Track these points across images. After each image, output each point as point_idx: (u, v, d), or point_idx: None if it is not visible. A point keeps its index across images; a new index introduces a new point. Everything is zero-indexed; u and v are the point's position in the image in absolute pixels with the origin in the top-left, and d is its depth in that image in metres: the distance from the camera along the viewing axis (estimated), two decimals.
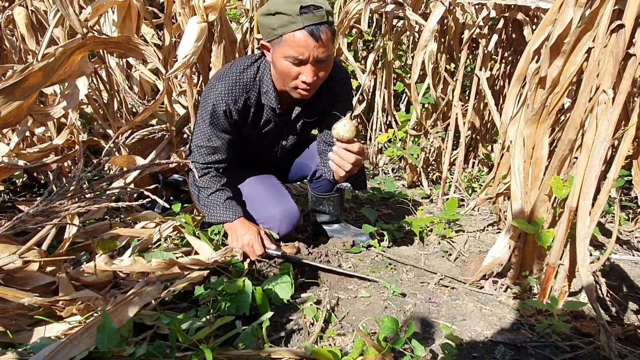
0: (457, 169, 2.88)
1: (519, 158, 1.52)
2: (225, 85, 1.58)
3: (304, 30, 1.40)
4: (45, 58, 1.41)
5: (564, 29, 1.36)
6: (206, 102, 1.62)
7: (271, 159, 1.93)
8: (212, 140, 1.67)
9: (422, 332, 1.35)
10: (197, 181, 1.73)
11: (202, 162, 1.71)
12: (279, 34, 1.43)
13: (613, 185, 1.22)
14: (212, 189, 1.71)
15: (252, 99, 1.64)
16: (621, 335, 1.36)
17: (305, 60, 1.45)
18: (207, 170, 1.72)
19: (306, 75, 1.47)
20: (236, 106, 1.62)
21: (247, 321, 1.30)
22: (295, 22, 1.39)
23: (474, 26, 2.53)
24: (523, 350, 1.26)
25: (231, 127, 1.67)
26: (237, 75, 1.60)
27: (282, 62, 1.48)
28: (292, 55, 1.44)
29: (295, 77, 1.49)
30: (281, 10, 1.40)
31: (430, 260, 1.93)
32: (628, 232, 2.37)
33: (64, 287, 1.28)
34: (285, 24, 1.41)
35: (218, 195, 1.71)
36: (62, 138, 1.89)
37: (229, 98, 1.59)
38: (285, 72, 1.50)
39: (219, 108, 1.60)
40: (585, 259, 1.21)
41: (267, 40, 1.50)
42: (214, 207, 1.71)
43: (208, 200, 1.71)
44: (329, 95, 1.70)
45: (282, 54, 1.46)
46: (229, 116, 1.63)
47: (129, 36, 1.58)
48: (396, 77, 3.49)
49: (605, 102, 1.17)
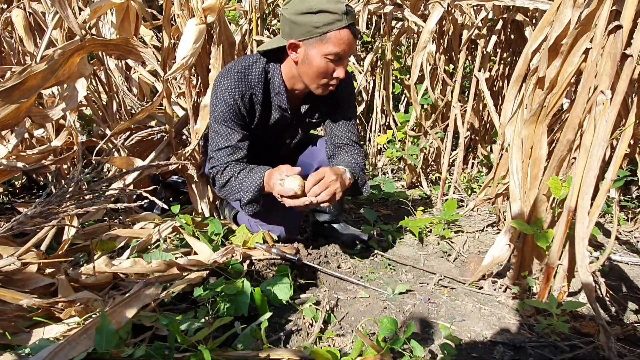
0: (456, 170, 2.88)
1: (517, 158, 1.52)
2: (230, 81, 1.59)
3: (348, 29, 1.48)
4: (44, 60, 1.41)
5: (562, 30, 1.37)
6: (215, 101, 1.63)
7: (274, 158, 1.93)
8: (231, 138, 1.64)
9: (421, 333, 1.35)
10: (221, 178, 1.66)
11: (222, 163, 1.66)
12: (323, 31, 1.46)
13: (611, 185, 1.22)
14: (236, 170, 1.63)
15: (257, 96, 1.65)
16: (620, 335, 1.36)
17: (343, 57, 1.52)
18: (226, 165, 1.66)
19: (341, 71, 1.54)
20: (243, 101, 1.62)
21: (246, 322, 1.30)
22: (341, 20, 1.45)
23: (473, 27, 2.53)
24: (522, 351, 1.26)
25: (243, 122, 1.66)
26: (241, 71, 1.60)
27: (321, 60, 1.51)
28: (334, 52, 1.49)
29: (330, 74, 1.54)
30: (325, 8, 1.44)
31: (429, 261, 1.93)
32: (627, 232, 2.37)
33: (63, 288, 1.28)
34: (331, 21, 1.45)
35: (242, 173, 1.62)
36: (61, 140, 1.89)
37: (235, 93, 1.59)
38: (322, 70, 1.53)
39: (228, 103, 1.60)
40: (584, 259, 1.21)
41: (303, 38, 1.50)
42: (246, 184, 1.60)
43: (238, 182, 1.62)
44: (332, 96, 1.72)
45: (322, 51, 1.49)
46: (239, 110, 1.62)
47: (127, 38, 1.58)
48: (395, 79, 3.49)
49: (603, 103, 1.17)
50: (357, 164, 1.73)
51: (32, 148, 2.06)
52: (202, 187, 2.04)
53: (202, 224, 1.95)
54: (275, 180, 1.49)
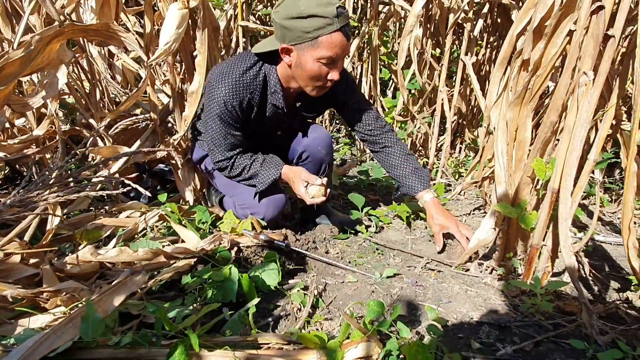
0: (444, 155, 2.89)
1: (502, 141, 1.53)
2: (228, 87, 1.60)
3: (340, 32, 1.46)
4: (21, 46, 1.38)
5: (546, 12, 1.36)
6: (212, 104, 1.64)
7: (268, 147, 1.93)
8: (228, 138, 1.71)
9: (408, 315, 1.37)
10: (232, 172, 1.79)
11: (226, 159, 1.76)
12: (314, 36, 1.45)
13: (594, 166, 1.24)
14: (247, 162, 1.76)
15: (255, 99, 1.67)
16: (603, 312, 1.39)
17: (337, 60, 1.52)
18: (232, 159, 1.77)
19: (335, 74, 1.55)
20: (241, 106, 1.64)
21: (235, 308, 1.30)
22: (332, 24, 1.44)
23: (459, 11, 2.52)
24: (507, 330, 1.29)
25: (239, 123, 1.70)
26: (239, 76, 1.61)
27: (314, 65, 1.51)
28: (327, 56, 1.48)
29: (324, 77, 1.55)
30: (315, 12, 1.42)
31: (417, 245, 1.94)
32: (611, 213, 2.41)
33: (48, 278, 1.27)
34: (322, 26, 1.43)
35: (254, 165, 1.77)
36: (43, 129, 1.86)
37: (234, 100, 1.61)
38: (316, 74, 1.54)
39: (227, 108, 1.62)
40: (567, 240, 1.23)
41: (293, 43, 1.50)
42: (260, 177, 1.77)
43: (253, 173, 1.77)
44: (329, 92, 1.72)
45: (314, 56, 1.49)
46: (236, 114, 1.65)
47: (107, 23, 1.54)
48: (383, 64, 3.48)
49: (585, 84, 1.18)
50: (417, 169, 1.93)
51: (14, 138, 2.02)
52: (187, 174, 2.03)
53: (189, 212, 1.94)
54: (301, 187, 1.69)
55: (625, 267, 1.76)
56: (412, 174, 1.91)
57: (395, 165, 1.94)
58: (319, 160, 1.90)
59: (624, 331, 1.26)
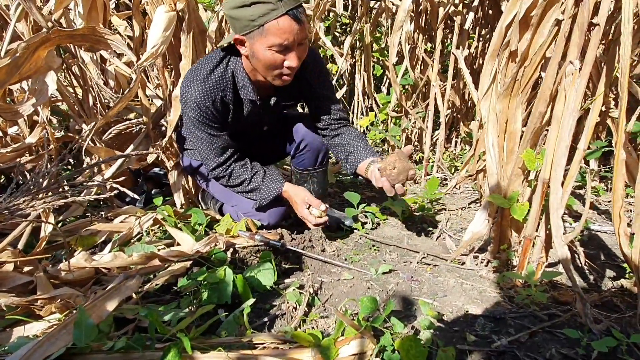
0: (439, 149, 2.89)
1: (493, 133, 1.53)
2: (197, 90, 1.56)
3: (287, 16, 1.38)
4: (8, 54, 1.38)
5: (532, 2, 1.36)
6: (187, 110, 1.62)
7: (254, 143, 1.93)
8: (214, 141, 1.68)
9: (404, 310, 1.37)
10: (230, 182, 1.77)
11: (220, 165, 1.73)
12: (260, 23, 1.39)
13: (583, 155, 1.23)
14: (247, 176, 1.75)
15: (228, 96, 1.64)
16: (598, 301, 1.39)
17: (290, 46, 1.45)
18: (228, 167, 1.74)
19: (292, 60, 1.47)
20: (215, 106, 1.61)
21: (230, 309, 1.30)
22: (276, 9, 1.37)
23: (449, 4, 2.51)
24: (502, 322, 1.29)
25: (219, 123, 1.67)
26: (206, 76, 1.57)
27: (266, 53, 1.45)
28: (277, 43, 1.42)
29: (280, 65, 1.48)
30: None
31: (413, 240, 1.94)
32: (607, 202, 2.41)
33: (42, 285, 1.27)
34: (266, 12, 1.37)
35: (255, 179, 1.76)
36: (35, 136, 1.86)
37: (206, 101, 1.58)
38: (270, 62, 1.48)
39: (201, 110, 1.59)
40: (559, 230, 1.23)
41: (244, 33, 1.45)
42: (262, 192, 1.76)
43: (253, 187, 1.76)
44: (300, 78, 1.69)
45: (265, 44, 1.43)
46: (212, 115, 1.62)
47: (94, 27, 1.54)
48: (376, 60, 3.47)
49: (572, 73, 1.17)
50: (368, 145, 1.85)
51: (7, 146, 2.02)
52: (177, 178, 2.03)
53: (185, 215, 1.94)
54: (303, 209, 1.70)
55: (620, 256, 1.76)
56: (363, 149, 1.82)
57: (347, 142, 1.85)
58: (316, 149, 1.91)
59: (619, 319, 1.26)
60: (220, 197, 1.96)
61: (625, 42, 1.10)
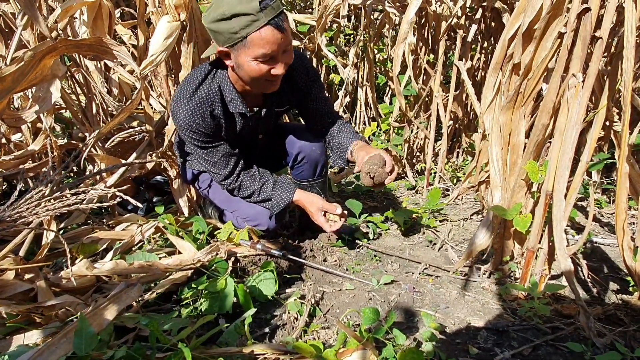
0: (441, 159, 2.89)
1: (497, 145, 1.53)
2: (185, 108, 1.56)
3: (269, 26, 1.37)
4: (14, 62, 1.39)
5: (535, 15, 1.37)
6: (180, 128, 1.62)
7: (252, 152, 1.93)
8: (215, 154, 1.68)
9: (405, 322, 1.36)
10: (241, 194, 1.77)
11: (228, 176, 1.73)
12: (242, 35, 1.38)
13: (587, 167, 1.23)
14: (257, 186, 1.76)
15: (217, 111, 1.62)
16: (601, 314, 1.38)
17: (275, 55, 1.43)
18: (236, 177, 1.75)
19: (278, 68, 1.46)
20: (205, 122, 1.60)
21: (231, 319, 1.29)
22: (258, 20, 1.35)
23: (452, 16, 2.53)
24: (505, 335, 1.28)
25: (215, 132, 1.66)
26: (192, 94, 1.56)
27: (252, 64, 1.44)
28: (262, 54, 1.41)
29: (267, 74, 1.47)
30: (238, 11, 1.34)
31: (415, 251, 1.94)
32: (610, 214, 2.40)
33: (43, 293, 1.27)
34: (247, 24, 1.35)
35: (265, 188, 1.76)
36: (38, 143, 1.87)
37: (196, 118, 1.57)
38: (256, 73, 1.46)
39: (192, 128, 1.59)
40: (562, 242, 1.23)
41: (227, 45, 1.43)
42: (274, 201, 1.76)
43: (265, 196, 1.77)
44: (291, 83, 1.69)
45: (249, 55, 1.42)
46: (205, 129, 1.61)
47: (100, 37, 1.55)
48: (378, 70, 3.49)
49: (575, 86, 1.18)
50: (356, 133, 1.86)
51: (10, 153, 2.02)
52: (180, 185, 2.04)
53: (186, 223, 1.94)
54: (319, 216, 1.73)
55: (624, 268, 1.75)
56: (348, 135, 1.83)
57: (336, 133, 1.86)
58: (314, 160, 1.89)
59: (622, 333, 1.25)
60: (220, 204, 1.96)
61: (628, 56, 1.11)
